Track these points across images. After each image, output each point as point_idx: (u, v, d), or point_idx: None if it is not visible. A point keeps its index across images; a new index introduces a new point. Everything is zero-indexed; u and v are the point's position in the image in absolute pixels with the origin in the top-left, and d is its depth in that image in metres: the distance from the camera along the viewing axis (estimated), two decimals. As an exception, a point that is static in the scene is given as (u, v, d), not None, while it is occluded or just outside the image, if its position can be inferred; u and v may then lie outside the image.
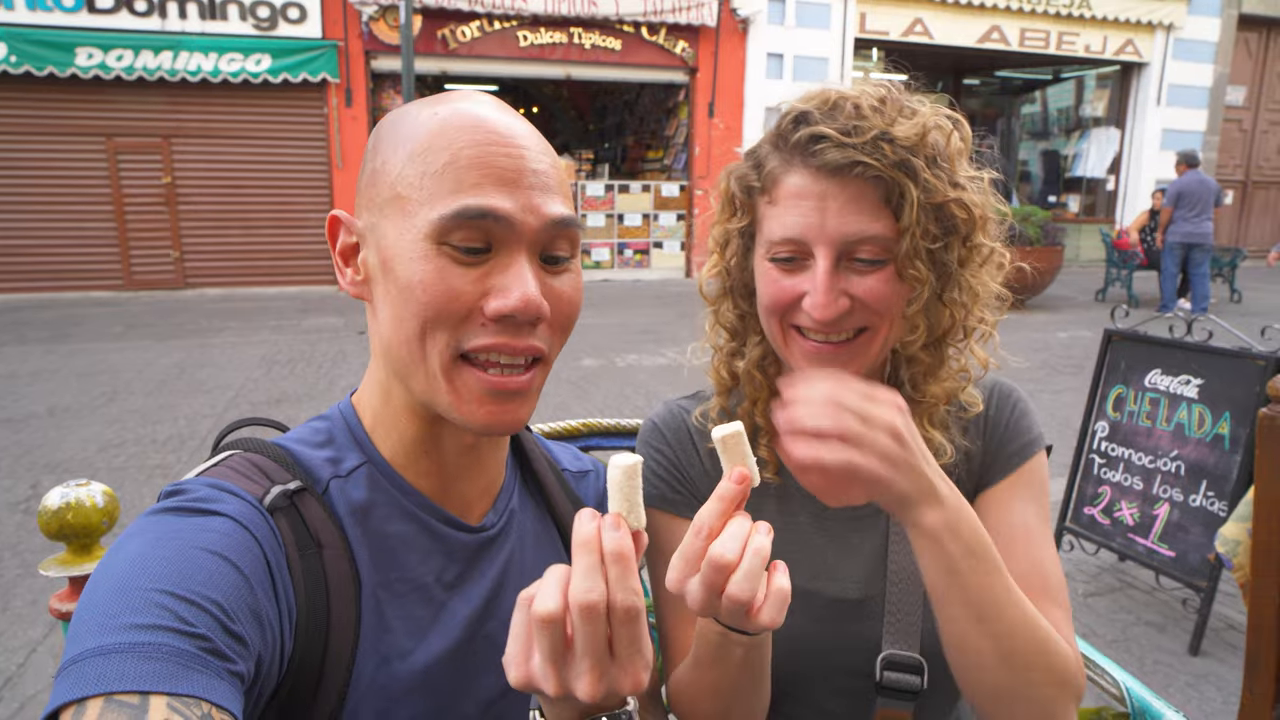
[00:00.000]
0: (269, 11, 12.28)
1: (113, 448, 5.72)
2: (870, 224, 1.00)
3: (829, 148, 0.99)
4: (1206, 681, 3.28)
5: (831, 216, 1.00)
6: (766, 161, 1.07)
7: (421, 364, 0.83)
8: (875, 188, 0.99)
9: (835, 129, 0.99)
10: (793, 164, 1.03)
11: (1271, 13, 16.78)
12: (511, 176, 0.82)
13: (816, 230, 1.00)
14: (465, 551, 0.94)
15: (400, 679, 0.86)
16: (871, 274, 1.02)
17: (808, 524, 1.19)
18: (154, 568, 0.68)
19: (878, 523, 1.18)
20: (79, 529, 1.15)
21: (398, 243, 0.82)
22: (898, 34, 14.91)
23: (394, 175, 0.83)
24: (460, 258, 0.80)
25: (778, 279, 1.05)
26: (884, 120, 1.00)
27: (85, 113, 12.07)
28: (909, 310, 1.04)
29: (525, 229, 0.82)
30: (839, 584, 1.15)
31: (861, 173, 0.98)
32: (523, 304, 0.80)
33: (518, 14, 13.06)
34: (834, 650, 1.14)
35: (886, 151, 0.98)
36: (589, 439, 1.55)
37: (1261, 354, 3.49)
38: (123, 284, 12.73)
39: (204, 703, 0.62)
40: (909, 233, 0.99)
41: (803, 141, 1.01)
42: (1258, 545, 1.96)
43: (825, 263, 1.00)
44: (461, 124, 0.83)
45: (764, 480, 1.17)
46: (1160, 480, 3.81)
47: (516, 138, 0.84)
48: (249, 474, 0.85)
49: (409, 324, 0.82)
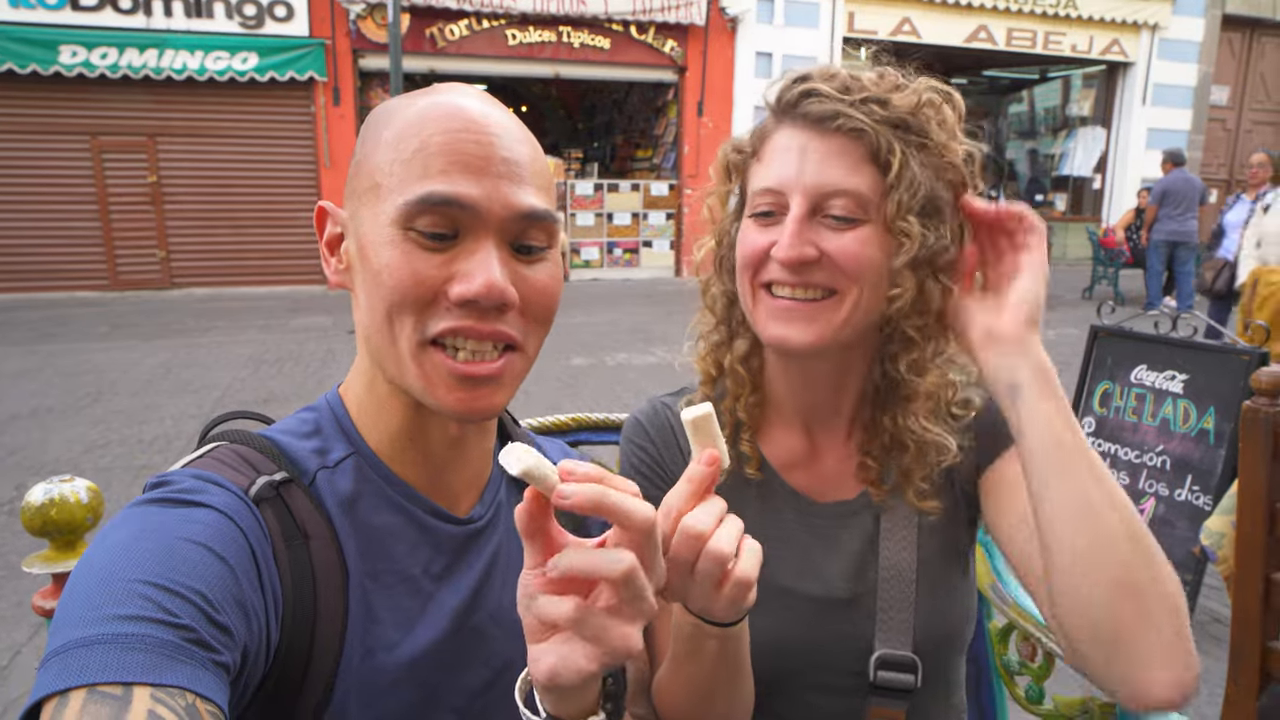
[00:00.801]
0: (256, 9, 12.20)
1: (98, 448, 5.68)
2: (847, 177, 1.00)
3: (818, 101, 1.01)
4: (1192, 675, 3.31)
5: (809, 166, 1.01)
6: (760, 125, 1.11)
7: (392, 348, 0.83)
8: (860, 143, 1.00)
9: (830, 86, 1.02)
10: (782, 121, 1.06)
11: (1254, 13, 16.91)
12: (479, 164, 0.81)
13: (793, 179, 1.02)
14: (453, 543, 0.93)
15: (387, 670, 0.86)
16: (845, 231, 1.01)
17: (792, 520, 1.17)
18: (138, 559, 0.67)
19: (865, 519, 1.16)
20: (63, 525, 1.14)
21: (371, 229, 0.83)
22: (886, 33, 14.95)
23: (372, 164, 0.84)
24: (426, 243, 0.81)
25: (753, 236, 1.06)
26: (880, 89, 1.02)
27: (69, 111, 11.96)
28: (895, 263, 1.02)
29: (491, 216, 0.81)
30: (824, 582, 1.14)
31: (843, 125, 1.00)
32: (485, 289, 0.79)
33: (506, 12, 13.02)
34: (822, 649, 1.13)
35: (876, 109, 1.00)
36: (579, 433, 1.55)
37: (1246, 349, 3.52)
38: (108, 284, 12.62)
39: (188, 693, 0.61)
40: (898, 189, 0.99)
41: (794, 98, 1.04)
42: (1241, 537, 1.97)
43: (798, 210, 1.01)
44: (437, 113, 0.83)
45: (746, 476, 1.16)
46: (1146, 475, 3.84)
47: (489, 125, 0.84)
48: (235, 465, 0.84)
49: (378, 309, 0.82)
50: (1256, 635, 1.93)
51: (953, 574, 1.16)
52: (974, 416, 1.15)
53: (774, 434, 1.20)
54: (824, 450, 1.18)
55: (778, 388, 1.18)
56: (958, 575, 1.17)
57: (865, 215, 1.01)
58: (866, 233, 1.01)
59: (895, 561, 1.12)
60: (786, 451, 1.19)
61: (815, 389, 1.15)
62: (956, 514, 1.16)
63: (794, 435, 1.19)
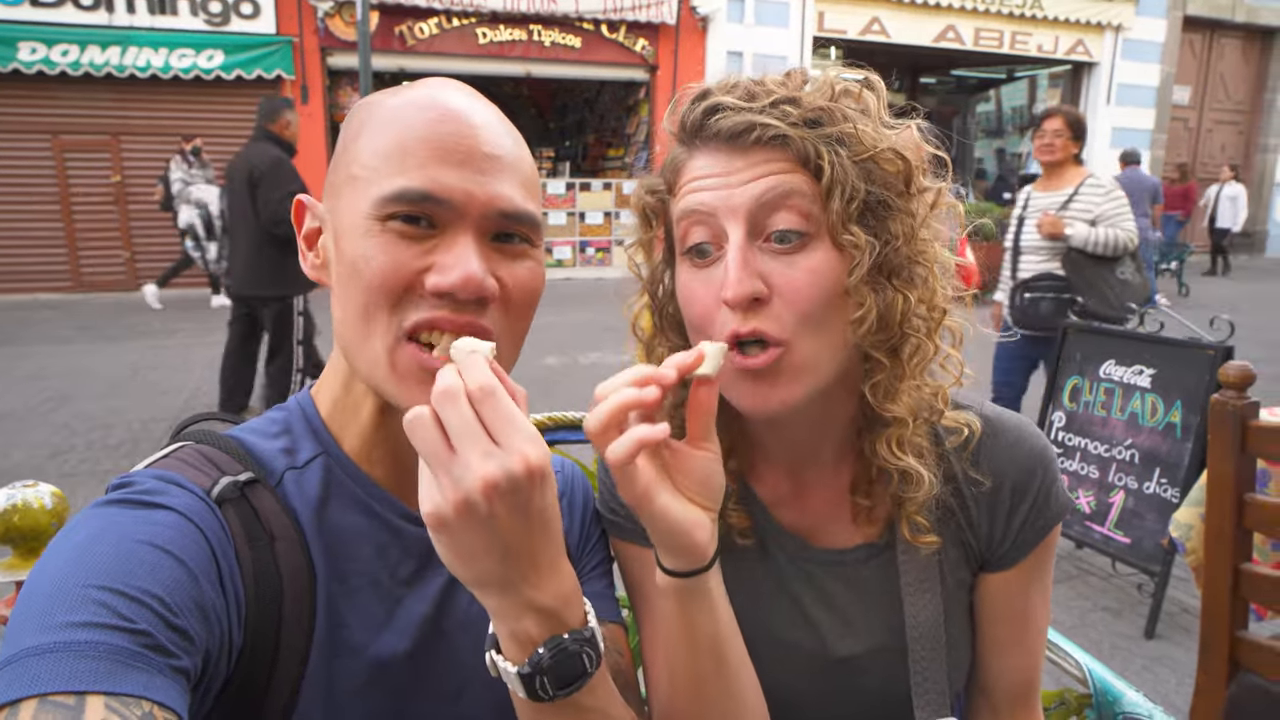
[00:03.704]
0: (221, 6, 12.03)
1: (63, 453, 5.57)
2: (781, 184, 0.88)
3: (725, 115, 0.90)
4: (1161, 664, 3.37)
5: (737, 183, 0.89)
6: (670, 157, 0.98)
7: (366, 342, 0.81)
8: (784, 151, 0.89)
9: (733, 97, 0.91)
10: (694, 147, 0.94)
11: (1214, 14, 17.25)
12: (460, 156, 0.80)
13: (722, 202, 0.89)
14: (421, 546, 0.91)
15: (355, 675, 0.84)
16: (795, 255, 0.89)
17: (786, 566, 1.07)
18: (92, 563, 0.66)
19: (864, 573, 1.06)
20: (26, 531, 1.11)
21: (348, 220, 0.82)
22: (855, 32, 15.07)
23: (350, 155, 0.84)
24: (405, 230, 0.79)
25: (696, 286, 0.93)
26: (787, 89, 0.92)
27: (29, 109, 11.71)
28: (850, 282, 0.89)
29: (471, 210, 0.80)
30: (819, 637, 1.05)
31: (762, 135, 0.88)
32: (462, 282, 0.78)
33: (476, 11, 12.95)
34: (824, 704, 1.06)
35: (790, 111, 0.89)
36: (555, 433, 1.53)
37: (1211, 344, 3.58)
38: (71, 285, 12.38)
39: (145, 701, 0.60)
40: (834, 193, 0.87)
41: (699, 118, 0.92)
42: (1210, 528, 2.00)
43: (738, 232, 0.88)
44: (418, 104, 0.82)
45: (739, 545, 1.06)
46: (1115, 468, 3.90)
47: (472, 118, 0.83)
48: (198, 465, 0.83)
49: (355, 301, 0.81)
50: (1225, 625, 1.96)
51: (965, 616, 1.09)
52: (989, 487, 1.03)
53: (759, 470, 1.09)
54: (811, 487, 1.07)
55: (755, 431, 1.06)
56: (966, 614, 1.09)
57: (811, 227, 0.89)
58: (818, 257, 0.88)
59: (923, 620, 1.03)
60: (774, 488, 1.09)
61: (796, 431, 1.03)
62: (967, 554, 1.07)
63: (779, 473, 1.08)
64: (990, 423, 1.05)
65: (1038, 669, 1.11)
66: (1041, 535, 1.05)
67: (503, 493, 0.65)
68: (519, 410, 0.68)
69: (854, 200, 0.88)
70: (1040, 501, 1.03)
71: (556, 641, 0.72)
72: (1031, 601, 1.08)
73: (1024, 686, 1.11)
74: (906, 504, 1.01)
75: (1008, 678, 1.10)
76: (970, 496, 1.04)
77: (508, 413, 0.67)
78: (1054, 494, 1.04)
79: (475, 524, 0.66)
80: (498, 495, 0.65)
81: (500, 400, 0.67)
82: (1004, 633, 1.08)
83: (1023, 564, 1.05)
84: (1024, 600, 1.07)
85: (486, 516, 0.66)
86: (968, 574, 1.08)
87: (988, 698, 1.13)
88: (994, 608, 1.08)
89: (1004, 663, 1.10)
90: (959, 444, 1.04)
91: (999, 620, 1.08)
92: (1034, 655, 1.10)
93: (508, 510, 0.66)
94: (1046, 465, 1.04)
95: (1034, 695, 1.12)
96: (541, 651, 0.71)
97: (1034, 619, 1.09)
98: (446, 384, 0.67)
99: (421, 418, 0.67)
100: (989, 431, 1.04)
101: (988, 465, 1.04)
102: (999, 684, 1.11)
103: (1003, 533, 1.05)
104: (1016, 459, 1.04)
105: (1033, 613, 1.08)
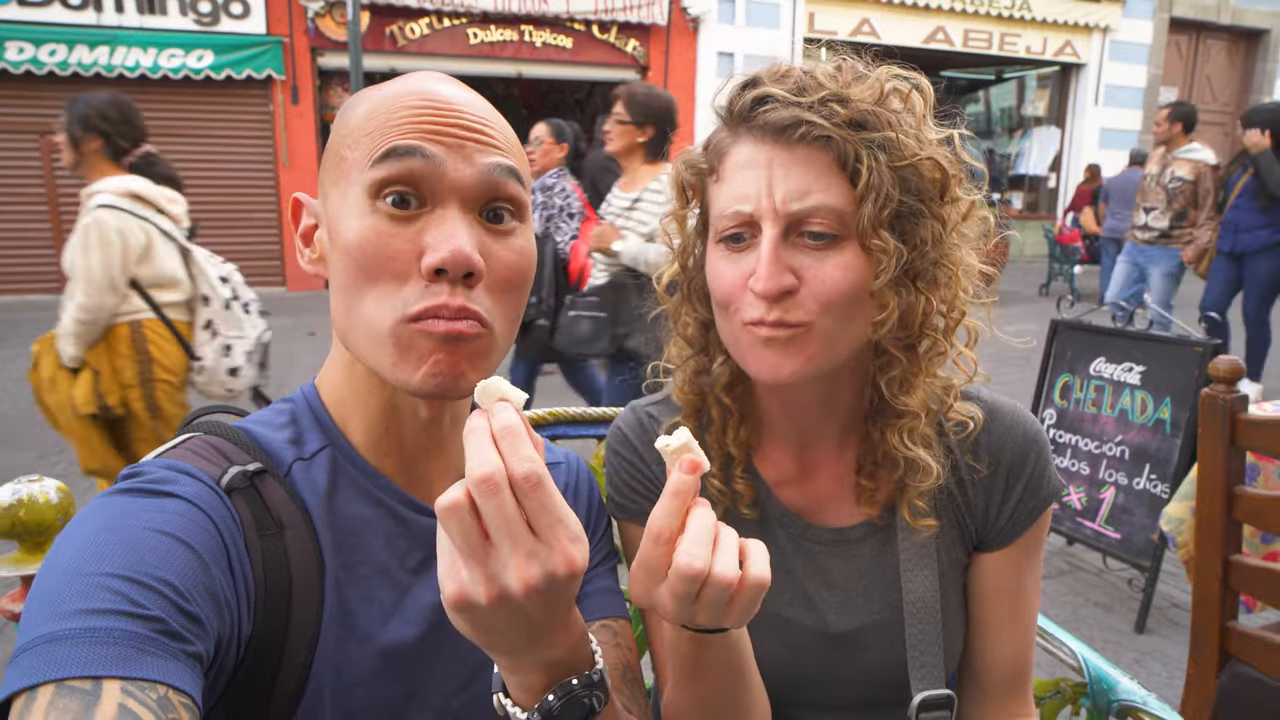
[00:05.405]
0: (210, 6, 11.94)
1: (53, 454, 5.53)
2: (819, 191, 0.90)
3: (774, 108, 0.92)
4: (1152, 658, 3.40)
5: (778, 183, 0.91)
6: (714, 138, 1.00)
7: (367, 326, 0.81)
8: (827, 151, 0.91)
9: (783, 89, 0.92)
10: (739, 133, 0.96)
11: (1200, 16, 17.37)
12: (443, 128, 0.81)
13: (762, 202, 0.92)
14: (428, 535, 0.92)
15: (363, 663, 0.85)
16: (826, 254, 0.92)
17: (786, 544, 1.10)
18: (105, 551, 0.67)
19: (864, 550, 1.09)
20: (32, 526, 1.11)
21: (340, 206, 0.83)
22: (846, 33, 15.10)
23: (339, 140, 0.85)
24: (395, 213, 0.80)
25: (726, 267, 0.96)
26: (837, 84, 0.93)
27: (16, 109, 11.59)
28: (875, 285, 0.92)
29: (458, 179, 0.81)
30: (818, 613, 1.08)
31: (807, 133, 0.90)
32: (452, 256, 0.77)
33: (467, 11, 12.92)
34: (822, 678, 1.08)
35: (838, 110, 0.90)
36: (555, 428, 1.54)
37: (1199, 340, 3.62)
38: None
39: (160, 685, 0.61)
40: (868, 199, 0.90)
41: (748, 106, 0.94)
42: (1201, 521, 2.03)
43: (772, 235, 0.91)
44: (407, 92, 0.84)
45: (743, 516, 1.10)
46: (1106, 465, 3.93)
47: (457, 102, 0.84)
48: (207, 455, 0.84)
49: (352, 287, 0.81)
50: (1216, 615, 1.99)
51: (959, 595, 1.12)
52: (986, 473, 1.08)
53: (765, 450, 1.13)
54: (817, 467, 1.11)
55: (766, 407, 1.11)
56: (960, 594, 1.13)
57: (843, 229, 0.91)
58: (848, 256, 0.92)
59: (920, 595, 1.06)
60: (778, 468, 1.12)
61: (805, 408, 1.07)
62: (963, 534, 1.11)
63: (786, 452, 1.12)
64: (988, 408, 1.10)
65: (1029, 654, 1.13)
66: (1034, 516, 1.08)
67: (541, 591, 0.63)
68: (563, 501, 0.64)
69: (886, 207, 0.91)
70: (1034, 483, 1.08)
71: (566, 688, 0.72)
72: (1024, 582, 1.10)
73: (1015, 673, 1.12)
74: (909, 490, 1.04)
75: (1000, 663, 1.12)
76: (969, 481, 1.08)
77: (554, 506, 0.63)
78: (1047, 476, 1.09)
79: (506, 613, 0.64)
80: (537, 594, 0.63)
81: (548, 492, 0.63)
82: (997, 613, 1.10)
83: (1016, 544, 1.09)
84: (1017, 580, 1.10)
85: (519, 608, 0.64)
86: (963, 554, 1.11)
87: (979, 685, 1.15)
88: (987, 587, 1.11)
89: (996, 646, 1.12)
90: (962, 435, 1.08)
91: (992, 599, 1.10)
92: (1025, 638, 1.12)
93: (543, 603, 0.64)
94: (1040, 448, 1.10)
95: (1025, 682, 1.14)
96: (551, 699, 0.71)
97: (1026, 600, 1.11)
98: (487, 472, 0.61)
99: (458, 509, 0.61)
100: (986, 417, 1.08)
101: (985, 450, 1.08)
102: (991, 670, 1.13)
103: (997, 513, 1.08)
104: (1011, 442, 1.09)
105: (1025, 593, 1.11)
